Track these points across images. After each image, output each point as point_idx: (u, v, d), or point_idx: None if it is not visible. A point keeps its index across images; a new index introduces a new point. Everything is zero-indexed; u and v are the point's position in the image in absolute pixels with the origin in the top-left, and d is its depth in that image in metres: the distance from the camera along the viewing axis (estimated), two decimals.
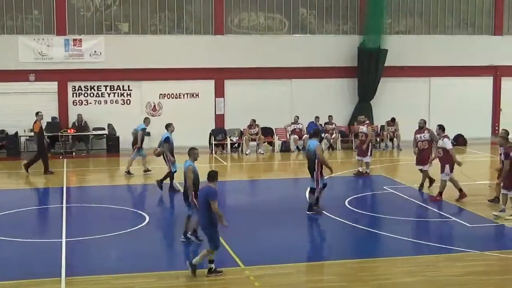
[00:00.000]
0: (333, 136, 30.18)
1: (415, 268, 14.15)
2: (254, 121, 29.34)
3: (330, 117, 30.53)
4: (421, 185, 21.18)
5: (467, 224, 17.53)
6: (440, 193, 19.81)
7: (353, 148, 29.27)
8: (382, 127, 30.85)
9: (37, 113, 24.87)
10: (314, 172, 18.11)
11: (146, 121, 24.65)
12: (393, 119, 30.30)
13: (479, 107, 32.98)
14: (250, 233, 16.20)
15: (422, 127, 21.39)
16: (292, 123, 30.32)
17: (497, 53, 32.89)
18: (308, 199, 18.57)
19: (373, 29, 31.10)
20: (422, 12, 32.74)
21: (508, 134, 18.92)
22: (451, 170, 19.74)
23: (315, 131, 20.07)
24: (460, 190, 19.92)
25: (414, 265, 14.32)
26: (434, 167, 20.65)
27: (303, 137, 29.58)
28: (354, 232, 16.92)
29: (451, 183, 19.93)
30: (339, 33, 31.97)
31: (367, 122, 24.50)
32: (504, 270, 13.95)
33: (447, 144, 19.67)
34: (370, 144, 23.86)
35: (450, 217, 18.31)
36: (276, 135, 30.32)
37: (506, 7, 33.39)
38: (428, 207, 19.31)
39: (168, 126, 21.16)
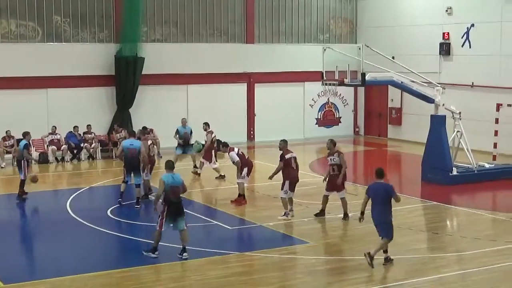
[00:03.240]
0: (92, 145, 29.72)
1: (181, 273, 14.41)
2: (8, 132, 28.15)
3: (88, 126, 30.02)
4: None
5: (228, 227, 18.12)
6: (243, 196, 20.40)
7: (113, 156, 29.02)
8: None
9: None
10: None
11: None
12: (144, 128, 28.64)
13: (235, 113, 34.07)
14: (9, 249, 15.56)
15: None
16: (50, 134, 29.45)
17: (250, 60, 34.18)
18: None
19: (129, 37, 30.98)
20: (178, 21, 33.22)
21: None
22: (248, 173, 20.41)
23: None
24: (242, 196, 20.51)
25: (180, 271, 14.58)
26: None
27: (61, 148, 28.90)
28: (118, 242, 16.85)
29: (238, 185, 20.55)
30: (95, 41, 31.53)
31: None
32: (262, 269, 14.59)
33: (234, 157, 20.24)
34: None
35: (212, 220, 18.82)
36: (33, 146, 29.28)
37: (257, 17, 34.84)
38: (190, 212, 19.67)
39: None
